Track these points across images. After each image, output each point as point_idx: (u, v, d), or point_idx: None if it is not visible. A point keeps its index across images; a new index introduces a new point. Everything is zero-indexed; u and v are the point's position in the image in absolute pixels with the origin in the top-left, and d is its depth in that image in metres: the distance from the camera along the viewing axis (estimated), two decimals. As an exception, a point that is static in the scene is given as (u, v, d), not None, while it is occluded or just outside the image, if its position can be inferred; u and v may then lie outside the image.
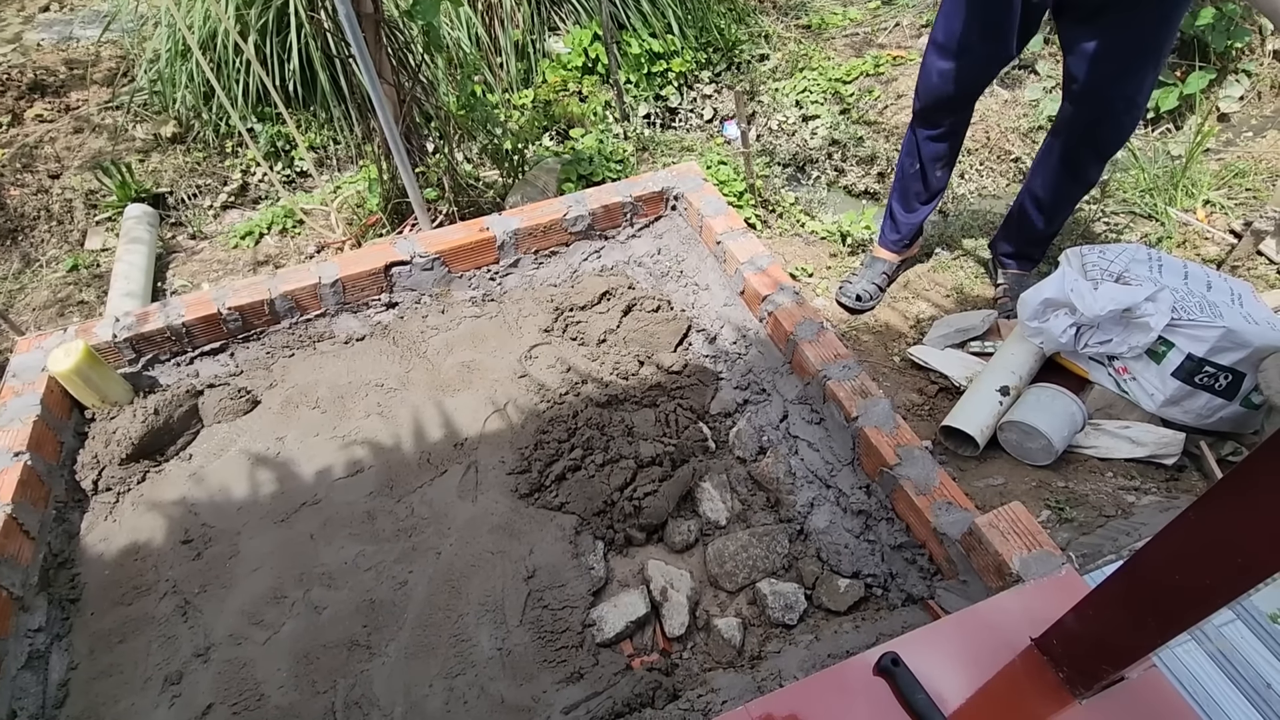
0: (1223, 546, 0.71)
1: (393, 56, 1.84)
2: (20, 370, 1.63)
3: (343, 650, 1.31)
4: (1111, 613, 0.87)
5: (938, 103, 1.83)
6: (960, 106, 1.84)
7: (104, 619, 1.37)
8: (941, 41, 1.75)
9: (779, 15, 3.45)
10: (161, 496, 1.56)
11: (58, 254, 2.57)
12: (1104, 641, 0.90)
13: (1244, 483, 0.67)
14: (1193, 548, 0.75)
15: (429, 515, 1.51)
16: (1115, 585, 0.85)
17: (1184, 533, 0.75)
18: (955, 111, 1.86)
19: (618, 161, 2.58)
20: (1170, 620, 0.80)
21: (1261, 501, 0.65)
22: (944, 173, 1.98)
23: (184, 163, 2.78)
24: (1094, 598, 0.89)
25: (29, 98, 3.02)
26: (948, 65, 1.75)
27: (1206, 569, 0.73)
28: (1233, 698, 1.06)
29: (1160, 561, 0.78)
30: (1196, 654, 1.07)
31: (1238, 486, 0.68)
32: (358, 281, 1.86)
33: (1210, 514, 0.72)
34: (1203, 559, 0.73)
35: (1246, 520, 0.68)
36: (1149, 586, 0.80)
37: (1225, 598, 0.75)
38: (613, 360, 1.78)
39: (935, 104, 1.84)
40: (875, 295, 2.09)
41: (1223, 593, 0.74)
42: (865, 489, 1.45)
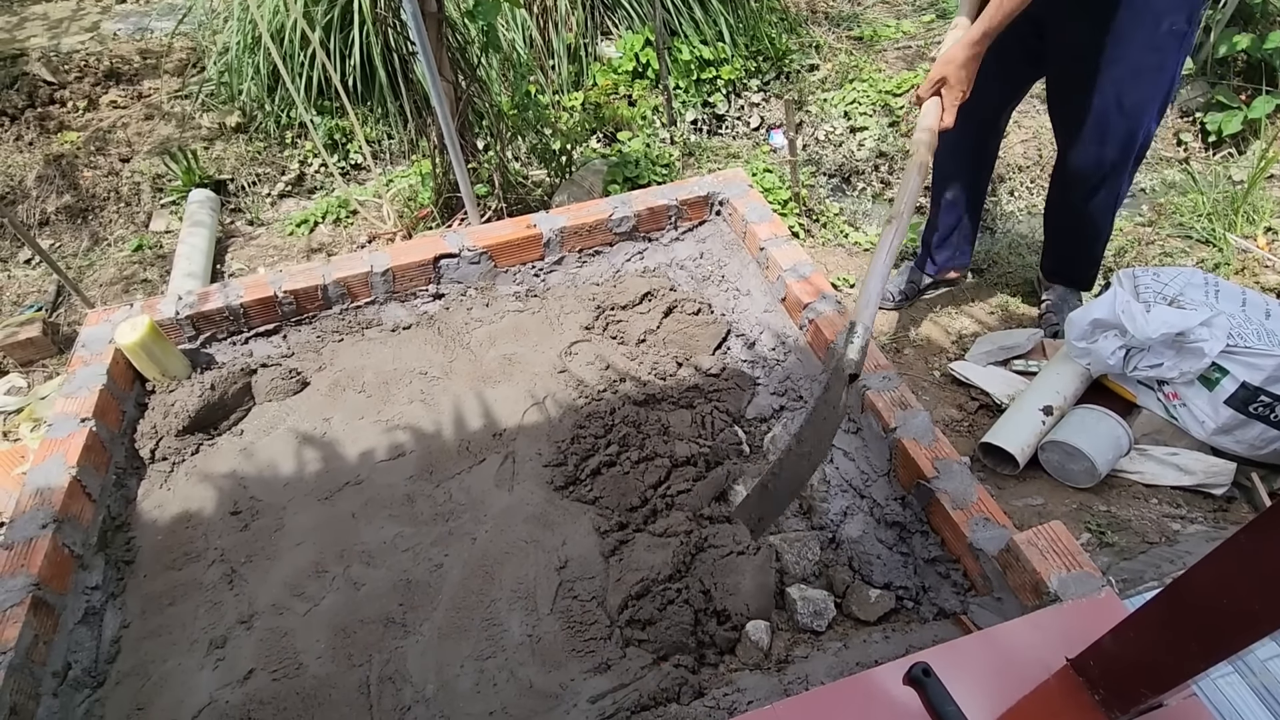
0: (1272, 573, 0.70)
1: (451, 55, 1.90)
2: (89, 341, 1.71)
3: (379, 626, 1.34)
4: (1152, 636, 0.86)
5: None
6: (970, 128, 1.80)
7: (155, 582, 1.43)
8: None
9: (830, 26, 3.45)
10: (213, 469, 1.62)
11: (124, 234, 2.69)
12: (1143, 665, 0.89)
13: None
14: (1241, 573, 0.73)
15: (466, 501, 1.55)
16: (1158, 608, 0.83)
17: (1233, 557, 0.74)
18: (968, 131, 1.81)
19: (664, 166, 2.60)
20: (1213, 646, 0.78)
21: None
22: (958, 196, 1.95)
23: (245, 151, 2.89)
24: (1135, 620, 0.87)
25: (104, 85, 3.17)
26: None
27: (1254, 595, 0.72)
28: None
29: (1206, 585, 0.77)
30: (1239, 686, 1.04)
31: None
32: (407, 272, 1.91)
33: (1262, 539, 0.71)
34: (1251, 585, 0.72)
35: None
36: (1193, 610, 0.79)
37: (1272, 626, 0.73)
38: (651, 360, 1.80)
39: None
40: (892, 299, 2.08)
41: (1269, 620, 0.73)
42: (900, 500, 1.45)
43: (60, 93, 3.10)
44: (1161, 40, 1.50)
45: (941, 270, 2.16)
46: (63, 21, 3.61)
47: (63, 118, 3.02)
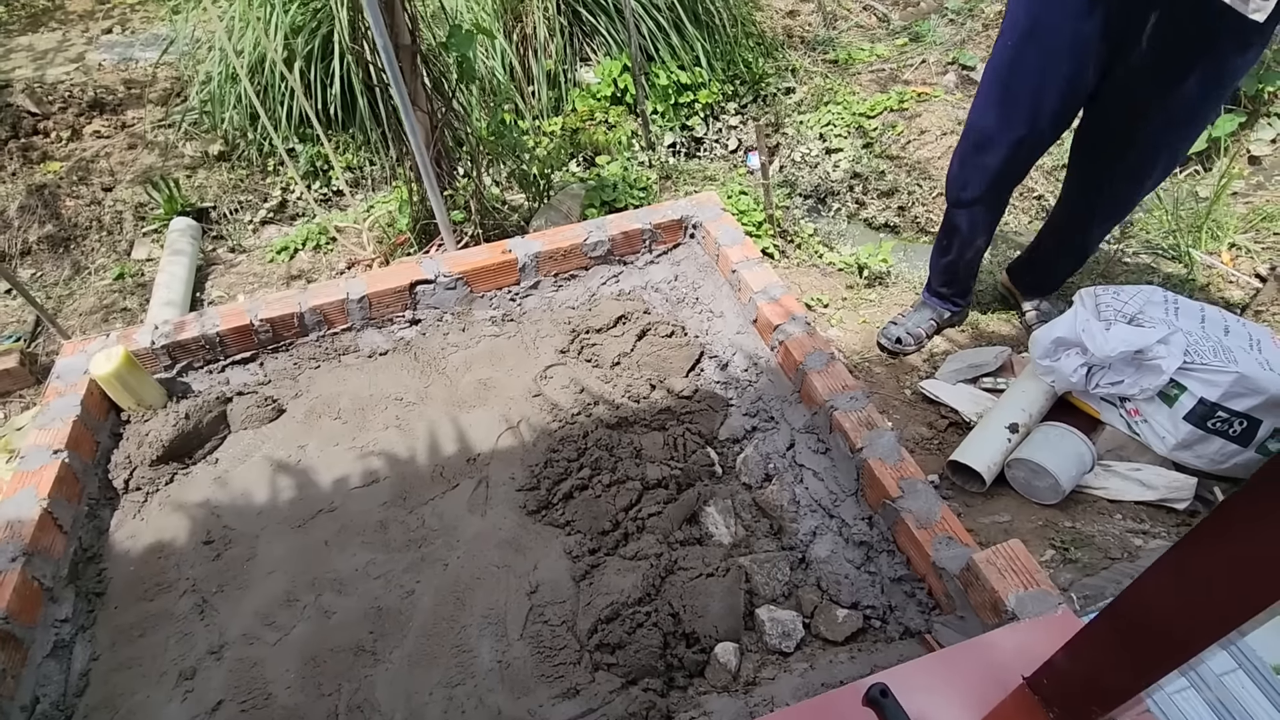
0: (1206, 585, 0.72)
1: (427, 85, 1.93)
2: (64, 372, 1.72)
3: (349, 655, 1.35)
4: (1098, 652, 0.87)
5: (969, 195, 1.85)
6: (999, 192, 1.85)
7: (126, 613, 1.43)
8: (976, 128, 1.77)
9: (806, 50, 3.52)
10: (187, 498, 1.63)
11: (106, 263, 2.70)
12: (1092, 682, 0.90)
13: (1225, 523, 0.68)
14: (1177, 587, 0.75)
15: (439, 527, 1.56)
16: (1102, 624, 0.85)
17: (1169, 571, 0.76)
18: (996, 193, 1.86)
19: (641, 189, 2.64)
20: (1156, 661, 0.80)
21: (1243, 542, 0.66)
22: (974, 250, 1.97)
23: (228, 179, 2.91)
24: (1082, 636, 0.89)
25: (88, 114, 3.20)
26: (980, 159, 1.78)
27: (1191, 607, 0.74)
28: (1232, 749, 1.04)
29: (1146, 600, 0.79)
30: (1195, 701, 1.06)
31: (1220, 527, 0.69)
32: (383, 298, 1.93)
33: (1194, 553, 0.72)
34: (1187, 597, 0.74)
35: (1229, 560, 0.68)
36: (1135, 625, 0.81)
37: (1209, 639, 0.75)
38: (625, 383, 1.82)
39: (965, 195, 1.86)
40: (917, 339, 2.07)
41: (1206, 633, 0.74)
42: (868, 520, 1.46)
43: (44, 123, 3.12)
44: (1225, 89, 1.54)
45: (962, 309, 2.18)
46: (48, 52, 3.65)
47: (46, 148, 3.05)
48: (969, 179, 1.83)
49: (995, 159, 1.75)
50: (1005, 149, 1.73)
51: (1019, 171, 1.81)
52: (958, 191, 1.87)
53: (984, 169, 1.79)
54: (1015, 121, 1.68)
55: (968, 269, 2.02)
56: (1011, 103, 1.67)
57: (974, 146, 1.79)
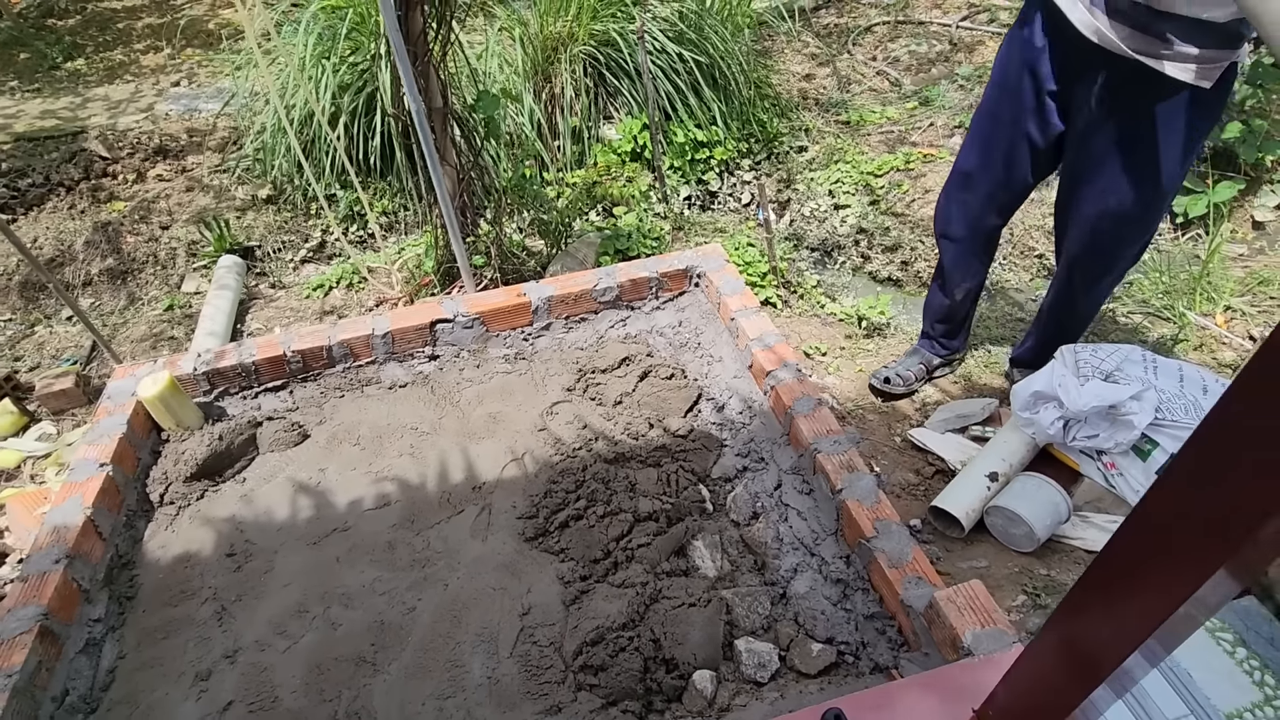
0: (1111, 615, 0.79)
1: (457, 142, 2.12)
2: (114, 394, 1.89)
3: (351, 664, 1.44)
4: (1029, 682, 0.93)
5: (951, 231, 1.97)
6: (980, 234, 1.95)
7: (153, 616, 1.55)
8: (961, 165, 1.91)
9: (821, 111, 3.69)
10: (215, 513, 1.76)
11: (158, 294, 2.92)
12: (1029, 712, 0.96)
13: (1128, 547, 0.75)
14: (1089, 619, 0.82)
15: (443, 549, 1.66)
16: (1030, 654, 0.92)
17: (1083, 603, 0.83)
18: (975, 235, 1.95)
19: (654, 239, 2.79)
20: (1078, 681, 0.86)
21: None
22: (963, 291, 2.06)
23: (274, 221, 3.15)
24: (1016, 668, 0.95)
25: (153, 159, 3.49)
26: (957, 197, 1.91)
27: (1101, 633, 0.81)
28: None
29: (1065, 630, 0.86)
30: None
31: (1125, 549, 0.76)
32: (405, 334, 2.08)
33: (1101, 586, 0.80)
34: (1098, 626, 0.81)
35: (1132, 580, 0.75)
36: (1056, 651, 0.87)
37: (1121, 656, 0.81)
38: (625, 421, 1.92)
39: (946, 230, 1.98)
40: (907, 382, 2.15)
41: (1115, 657, 0.81)
42: (845, 559, 1.53)
43: (113, 166, 3.42)
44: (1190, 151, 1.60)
45: (953, 354, 2.25)
46: (121, 103, 3.99)
47: (113, 189, 3.33)
48: (952, 215, 1.95)
49: (975, 198, 1.87)
50: (984, 189, 1.85)
51: (999, 213, 1.90)
52: (943, 225, 1.99)
53: (966, 206, 1.90)
54: (992, 165, 1.80)
55: (956, 312, 2.10)
56: (988, 148, 1.80)
57: (958, 184, 1.91)
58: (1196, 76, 1.46)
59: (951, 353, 2.21)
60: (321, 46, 2.87)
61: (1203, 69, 1.47)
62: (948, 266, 2.02)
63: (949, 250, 2.00)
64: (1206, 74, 1.47)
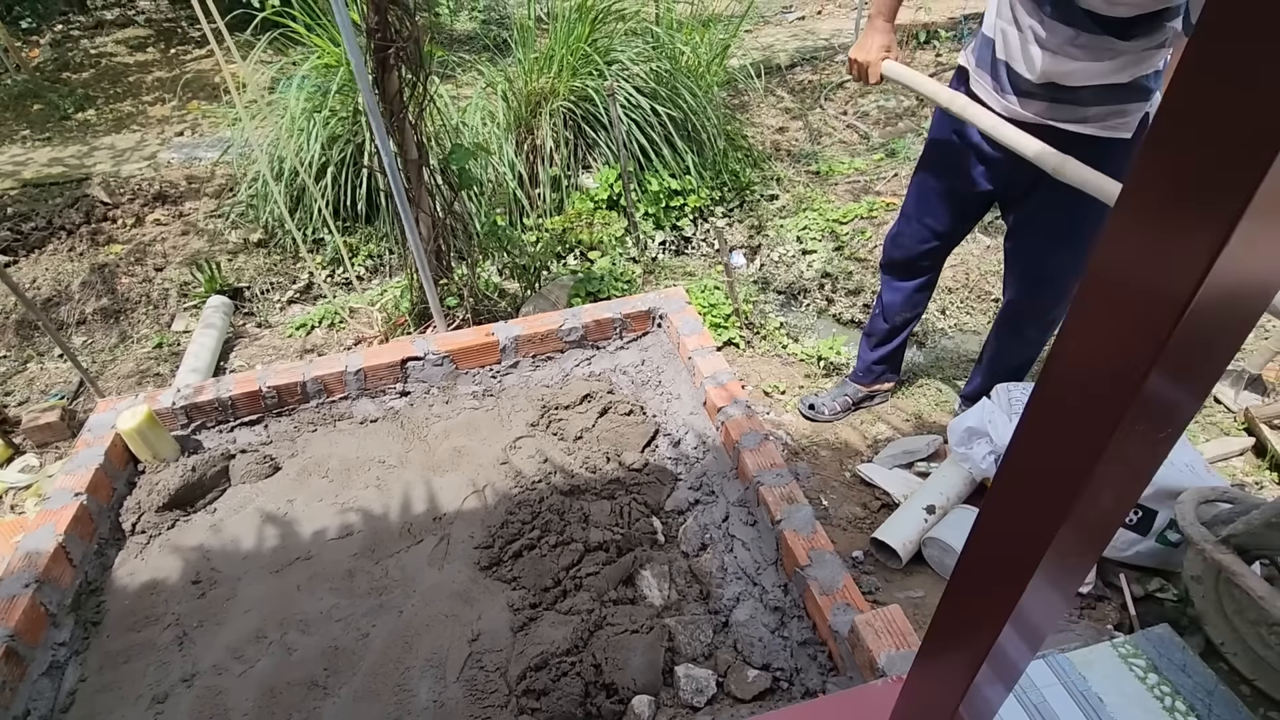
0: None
1: (431, 192, 2.25)
2: (95, 426, 1.98)
3: (303, 688, 1.49)
4: (918, 693, 0.99)
5: (892, 259, 2.10)
6: (911, 266, 2.08)
7: (116, 641, 1.61)
8: (903, 208, 2.05)
9: (792, 162, 3.86)
10: (184, 542, 1.83)
11: (149, 333, 3.03)
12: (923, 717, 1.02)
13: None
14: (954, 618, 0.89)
15: (400, 578, 1.72)
16: (916, 667, 0.98)
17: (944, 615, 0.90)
18: (909, 269, 2.09)
19: (625, 282, 2.91)
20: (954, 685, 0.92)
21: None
22: (901, 320, 2.18)
23: (264, 263, 3.28)
24: (908, 683, 1.01)
25: (152, 205, 3.65)
26: (899, 229, 2.05)
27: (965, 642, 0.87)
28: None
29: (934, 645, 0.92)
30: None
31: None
32: (377, 371, 2.18)
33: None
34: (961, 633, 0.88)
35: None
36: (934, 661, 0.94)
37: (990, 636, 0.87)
38: (584, 455, 2.00)
39: (891, 259, 2.11)
40: (831, 410, 2.27)
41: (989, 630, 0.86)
42: (783, 588, 1.59)
43: (113, 211, 3.57)
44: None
45: (877, 382, 2.36)
46: (126, 151, 4.18)
47: (112, 233, 3.47)
48: (892, 252, 2.09)
49: (910, 236, 2.01)
50: (918, 229, 1.99)
51: (930, 254, 2.03)
52: (886, 253, 2.12)
53: (903, 245, 2.04)
54: (926, 207, 1.93)
55: (889, 342, 2.20)
56: (924, 192, 1.93)
57: (900, 219, 2.05)
58: (1114, 130, 1.58)
59: (880, 382, 2.31)
60: (313, 102, 3.05)
61: (1119, 122, 1.59)
62: (885, 298, 2.17)
63: (888, 283, 2.15)
64: (1124, 125, 1.59)
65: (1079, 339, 0.56)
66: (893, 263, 2.09)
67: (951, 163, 1.83)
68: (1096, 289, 0.53)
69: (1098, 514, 0.66)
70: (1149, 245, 0.48)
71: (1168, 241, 0.46)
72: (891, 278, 2.13)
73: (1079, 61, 1.48)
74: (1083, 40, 1.45)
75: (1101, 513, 0.66)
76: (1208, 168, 0.41)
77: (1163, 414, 0.57)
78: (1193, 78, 0.40)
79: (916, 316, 2.17)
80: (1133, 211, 0.48)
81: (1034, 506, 0.68)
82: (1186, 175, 0.42)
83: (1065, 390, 0.60)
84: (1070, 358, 0.57)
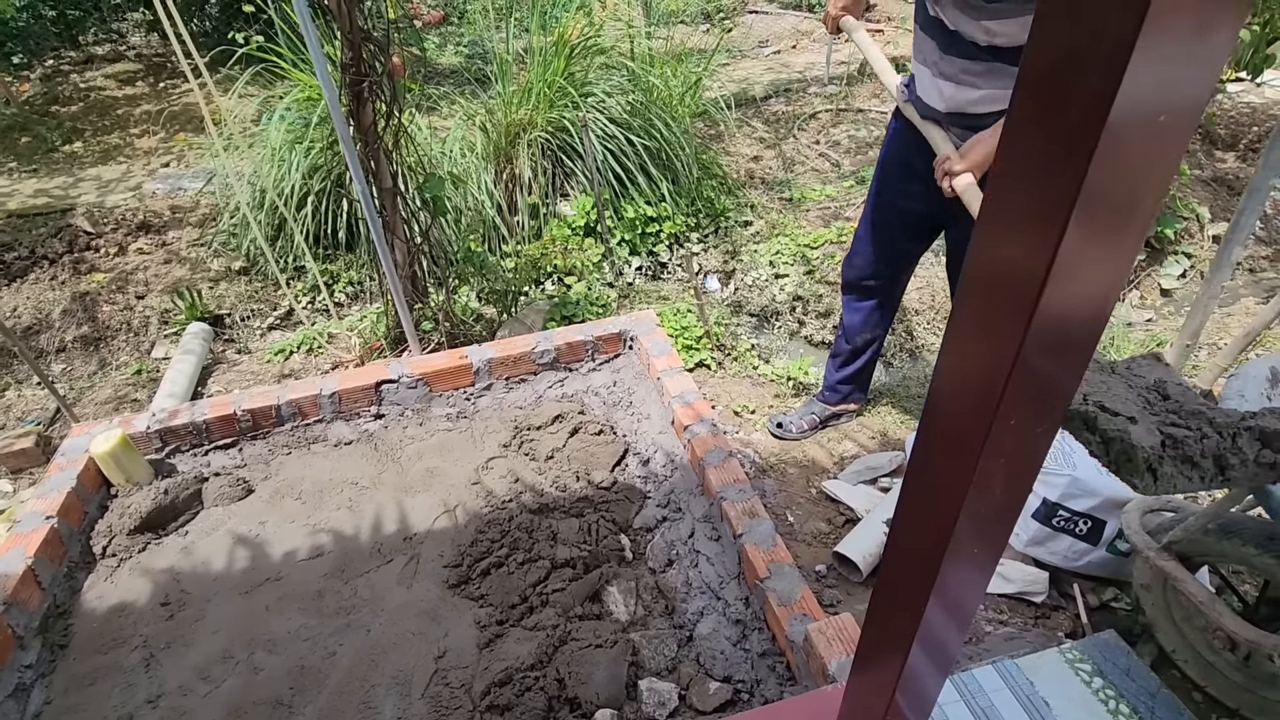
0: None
1: (406, 219, 2.31)
2: (68, 450, 1.99)
3: (268, 708, 1.50)
4: (861, 686, 1.03)
5: (847, 279, 2.18)
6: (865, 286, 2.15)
7: (83, 664, 1.61)
8: (857, 229, 2.13)
9: (766, 189, 3.96)
10: (155, 564, 1.84)
11: (129, 360, 3.05)
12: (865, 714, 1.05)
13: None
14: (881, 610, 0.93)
15: (369, 597, 1.74)
16: (856, 667, 1.01)
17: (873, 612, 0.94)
18: (864, 290, 2.17)
19: (601, 306, 2.97)
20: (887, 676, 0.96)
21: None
22: (862, 340, 2.25)
23: (245, 291, 3.31)
24: (850, 682, 1.05)
25: (136, 234, 3.68)
26: (853, 250, 2.12)
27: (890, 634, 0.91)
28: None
29: (870, 641, 0.96)
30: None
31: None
32: (352, 395, 2.21)
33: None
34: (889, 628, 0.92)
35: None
36: (870, 655, 0.97)
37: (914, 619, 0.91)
38: (554, 475, 2.04)
39: (847, 279, 2.19)
40: (799, 429, 2.32)
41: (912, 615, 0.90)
42: (745, 601, 1.62)
43: (96, 241, 3.61)
44: None
45: (843, 402, 2.41)
46: (111, 182, 4.23)
47: (95, 262, 3.50)
48: (850, 272, 2.17)
49: (862, 256, 2.10)
50: (868, 250, 2.07)
51: (883, 271, 2.10)
52: (844, 274, 2.20)
53: (859, 266, 2.12)
54: (875, 229, 2.02)
55: (853, 362, 2.27)
56: (873, 214, 2.02)
57: (854, 240, 2.13)
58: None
59: (846, 402, 2.37)
60: (294, 133, 3.12)
61: None
62: (845, 318, 2.24)
63: (847, 303, 2.22)
64: None
65: (955, 347, 0.62)
66: (849, 283, 2.17)
67: (894, 184, 1.92)
68: (965, 299, 0.59)
69: (990, 505, 0.71)
70: (1001, 256, 0.55)
71: (1013, 253, 0.53)
72: (850, 298, 2.20)
73: (980, 89, 1.58)
74: (977, 68, 1.56)
75: (994, 503, 0.71)
76: (1040, 184, 0.48)
77: (1034, 408, 0.62)
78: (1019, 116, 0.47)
79: (878, 338, 2.24)
80: (990, 223, 0.55)
81: (935, 501, 0.73)
82: (1022, 195, 0.50)
83: (949, 394, 0.66)
84: (949, 363, 0.63)
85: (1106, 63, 0.40)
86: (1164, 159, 0.50)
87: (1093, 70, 0.41)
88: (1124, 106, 0.41)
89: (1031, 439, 0.66)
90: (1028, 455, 0.67)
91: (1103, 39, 0.40)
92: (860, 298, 2.18)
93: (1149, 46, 0.39)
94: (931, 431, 0.68)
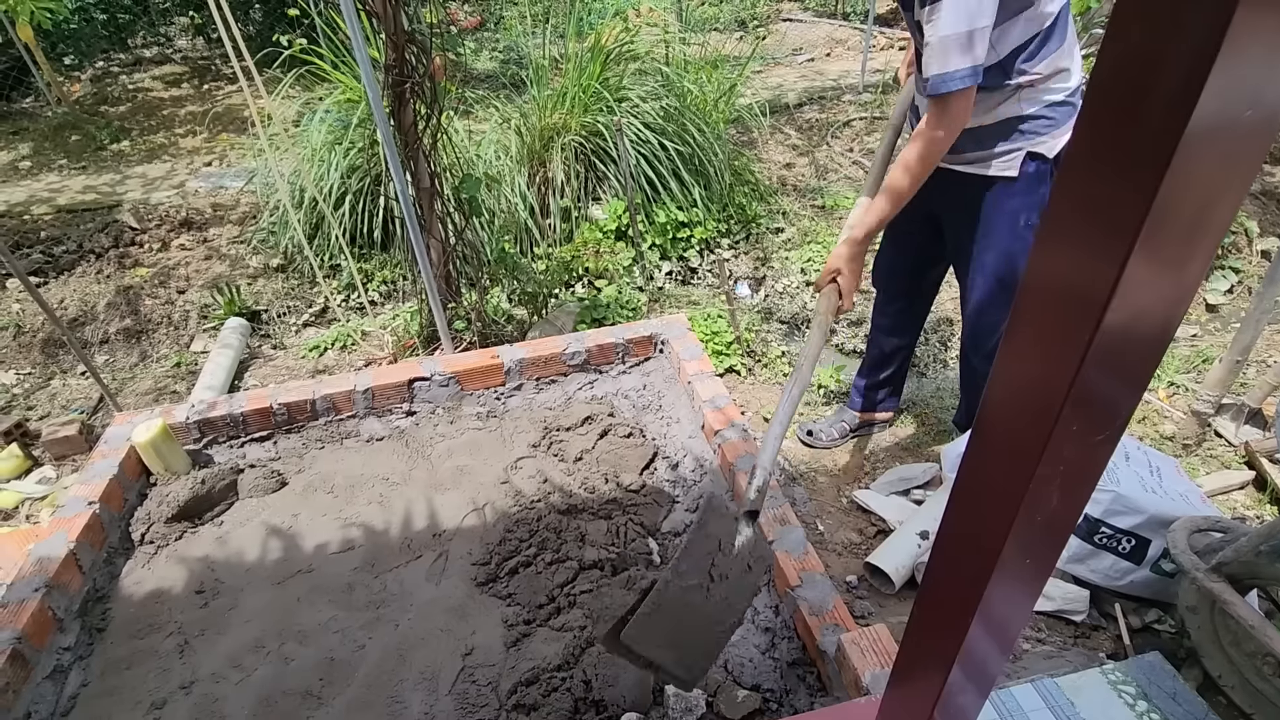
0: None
1: (442, 219, 2.33)
2: (111, 439, 2.04)
3: (298, 698, 1.52)
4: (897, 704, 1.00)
5: (874, 280, 2.18)
6: (892, 286, 2.15)
7: (119, 648, 1.64)
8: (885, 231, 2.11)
9: (798, 196, 3.94)
10: (190, 553, 1.87)
11: (169, 353, 3.12)
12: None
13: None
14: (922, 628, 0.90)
15: (398, 592, 1.75)
16: (892, 684, 0.99)
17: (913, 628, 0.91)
18: (891, 290, 2.16)
19: (631, 309, 2.97)
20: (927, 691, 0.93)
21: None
22: (891, 345, 2.22)
23: (282, 288, 3.38)
24: (885, 699, 1.02)
25: (178, 231, 3.78)
26: (880, 249, 2.12)
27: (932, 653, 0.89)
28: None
29: (907, 658, 0.94)
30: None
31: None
32: (385, 391, 2.24)
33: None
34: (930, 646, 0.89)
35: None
36: (909, 675, 0.95)
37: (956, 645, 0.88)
38: (583, 476, 2.03)
39: (874, 280, 2.18)
40: (829, 437, 2.29)
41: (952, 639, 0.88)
42: (775, 609, 1.60)
43: (141, 236, 3.71)
44: (1023, 232, 1.79)
45: (874, 410, 2.38)
46: (156, 180, 4.35)
47: (139, 257, 3.60)
48: (875, 266, 2.17)
49: (886, 254, 2.12)
50: (891, 248, 2.10)
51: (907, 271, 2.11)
52: (872, 274, 2.19)
53: (881, 259, 2.14)
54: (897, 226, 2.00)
55: (884, 367, 2.25)
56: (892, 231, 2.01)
57: (880, 243, 2.12)
58: (998, 170, 1.72)
59: (878, 410, 2.33)
60: (334, 134, 3.18)
61: (1000, 162, 1.72)
62: (875, 321, 2.25)
63: (877, 306, 2.24)
64: (1007, 165, 1.72)
65: (1014, 353, 0.61)
66: (877, 283, 2.18)
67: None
68: (1026, 306, 0.57)
69: (1046, 515, 0.69)
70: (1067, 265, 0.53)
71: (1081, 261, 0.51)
72: (880, 300, 2.20)
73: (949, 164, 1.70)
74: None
75: (1050, 513, 0.69)
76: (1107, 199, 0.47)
77: (1094, 416, 0.61)
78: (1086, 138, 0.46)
79: (908, 344, 2.21)
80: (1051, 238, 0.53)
81: (986, 510, 0.71)
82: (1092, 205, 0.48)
83: (1006, 402, 0.64)
84: (1008, 371, 0.61)
85: (1188, 65, 0.38)
86: (1240, 172, 0.47)
87: (1173, 73, 0.39)
88: (1204, 114, 0.39)
89: (1092, 447, 0.64)
90: (1088, 464, 0.65)
91: (1185, 40, 0.38)
92: (888, 299, 2.18)
93: (1235, 51, 0.37)
94: (985, 437, 0.67)
